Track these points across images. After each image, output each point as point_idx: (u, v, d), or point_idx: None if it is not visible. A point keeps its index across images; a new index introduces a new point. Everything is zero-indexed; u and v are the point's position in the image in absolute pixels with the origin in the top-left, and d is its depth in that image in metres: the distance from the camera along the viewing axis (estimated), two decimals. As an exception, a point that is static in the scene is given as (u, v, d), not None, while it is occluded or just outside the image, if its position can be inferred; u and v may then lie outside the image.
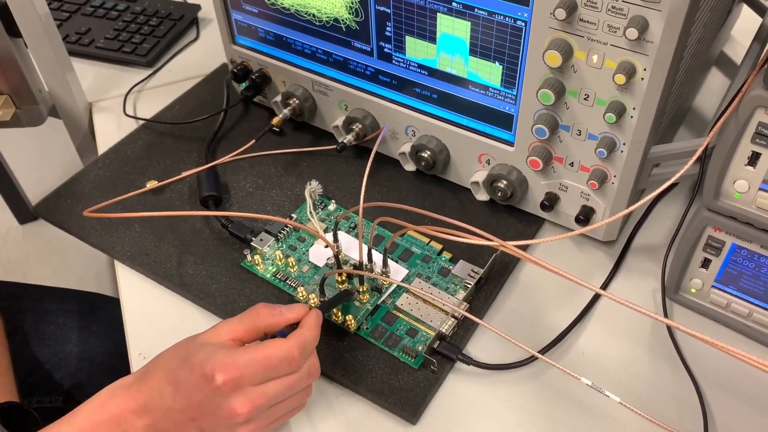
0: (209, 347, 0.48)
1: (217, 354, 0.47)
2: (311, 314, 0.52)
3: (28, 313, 0.79)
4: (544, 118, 0.59)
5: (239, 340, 0.50)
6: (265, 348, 0.48)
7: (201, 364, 0.47)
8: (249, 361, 0.47)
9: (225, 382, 0.46)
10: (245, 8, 0.74)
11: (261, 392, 0.47)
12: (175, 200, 0.72)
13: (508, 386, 0.57)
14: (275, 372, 0.48)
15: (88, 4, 1.02)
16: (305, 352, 0.50)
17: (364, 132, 0.72)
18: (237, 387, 0.46)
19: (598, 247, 0.67)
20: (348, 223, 0.69)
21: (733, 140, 0.50)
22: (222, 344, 0.49)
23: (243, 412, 0.47)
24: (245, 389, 0.47)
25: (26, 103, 0.81)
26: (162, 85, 0.89)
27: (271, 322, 0.51)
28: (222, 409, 0.47)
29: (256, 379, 0.47)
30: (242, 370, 0.46)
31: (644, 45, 0.51)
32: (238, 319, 0.51)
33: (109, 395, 0.49)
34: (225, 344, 0.49)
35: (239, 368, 0.46)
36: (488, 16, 0.58)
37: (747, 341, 0.59)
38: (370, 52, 0.68)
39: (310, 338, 0.50)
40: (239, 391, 0.47)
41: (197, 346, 0.48)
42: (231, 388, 0.46)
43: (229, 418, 0.47)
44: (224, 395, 0.46)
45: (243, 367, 0.47)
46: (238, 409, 0.46)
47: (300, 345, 0.49)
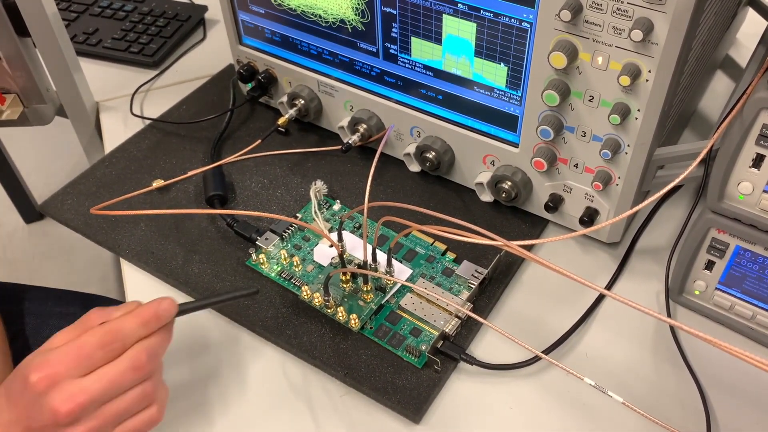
0: (35, 353, 0.47)
1: (35, 357, 0.46)
2: (147, 304, 0.49)
3: (29, 316, 0.78)
4: (549, 119, 0.59)
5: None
6: (78, 339, 0.46)
7: (22, 369, 0.46)
8: (61, 355, 0.45)
9: (39, 379, 0.44)
10: (252, 9, 0.74)
11: (80, 387, 0.45)
12: (181, 199, 0.72)
13: (512, 386, 0.57)
14: (90, 361, 0.46)
15: (96, 4, 1.03)
16: (120, 338, 0.47)
17: (369, 133, 0.73)
18: (52, 383, 0.45)
19: (601, 248, 0.67)
20: (352, 222, 0.69)
21: (738, 142, 0.50)
22: (50, 349, 0.47)
23: (64, 411, 0.44)
24: (62, 385, 0.45)
25: (34, 102, 0.81)
26: (169, 85, 0.90)
27: (100, 324, 0.49)
28: (45, 411, 0.45)
29: (72, 372, 0.45)
30: (54, 365, 0.45)
31: (649, 47, 0.51)
32: (71, 327, 0.49)
33: None
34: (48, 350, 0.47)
35: (51, 363, 0.45)
36: (494, 17, 0.58)
37: (750, 343, 0.59)
38: (375, 53, 0.68)
39: (128, 325, 0.47)
40: (56, 388, 0.45)
41: (28, 357, 0.47)
42: (46, 384, 0.44)
43: (53, 419, 0.44)
44: (43, 394, 0.44)
45: (56, 361, 0.45)
46: (58, 407, 0.44)
47: (113, 330, 0.47)
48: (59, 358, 0.45)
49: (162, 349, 0.49)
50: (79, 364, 0.45)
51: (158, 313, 0.49)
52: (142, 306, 0.49)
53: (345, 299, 0.62)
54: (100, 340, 0.46)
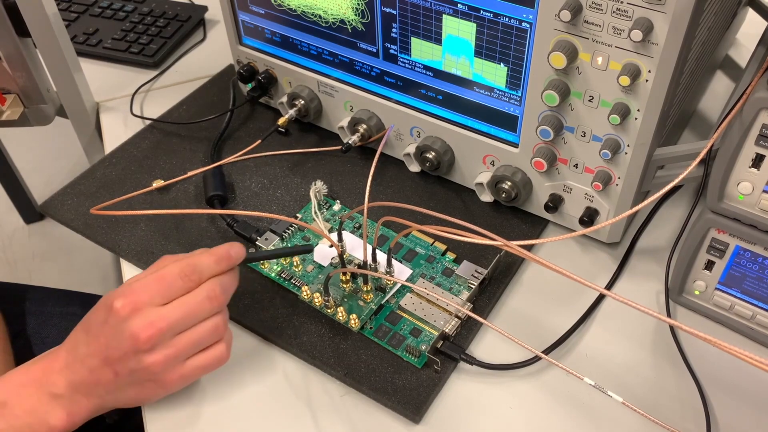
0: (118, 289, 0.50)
1: (117, 289, 0.50)
2: (219, 246, 0.53)
3: (30, 316, 0.79)
4: (549, 119, 0.59)
5: None
6: (159, 270, 0.50)
7: (104, 300, 0.49)
8: (144, 284, 0.49)
9: (123, 305, 0.47)
10: (252, 9, 0.75)
11: (160, 314, 0.48)
12: (181, 199, 0.73)
13: (511, 386, 0.57)
14: (170, 289, 0.49)
15: (96, 5, 1.03)
16: (198, 270, 0.50)
17: (369, 133, 0.73)
18: (135, 309, 0.48)
19: (601, 248, 0.67)
20: (352, 223, 0.69)
21: (737, 142, 0.50)
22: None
23: (144, 336, 0.47)
24: (143, 311, 0.48)
25: (34, 103, 0.81)
26: (169, 85, 0.90)
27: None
28: (125, 337, 0.47)
29: (153, 299, 0.48)
30: (138, 293, 0.48)
31: (649, 47, 0.51)
32: (143, 273, 0.52)
33: (34, 361, 0.51)
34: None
35: (135, 291, 0.48)
36: (493, 17, 0.58)
37: (750, 343, 0.59)
38: (375, 53, 0.68)
39: (205, 260, 0.51)
40: (138, 314, 0.48)
41: (110, 292, 0.50)
42: (129, 310, 0.47)
43: (133, 345, 0.47)
44: (124, 320, 0.47)
45: (139, 290, 0.48)
46: (138, 333, 0.47)
47: (192, 263, 0.50)
48: (142, 287, 0.49)
49: (232, 287, 0.53)
50: (161, 292, 0.49)
51: (230, 253, 0.53)
52: (215, 247, 0.53)
53: (345, 299, 0.62)
54: (180, 271, 0.50)
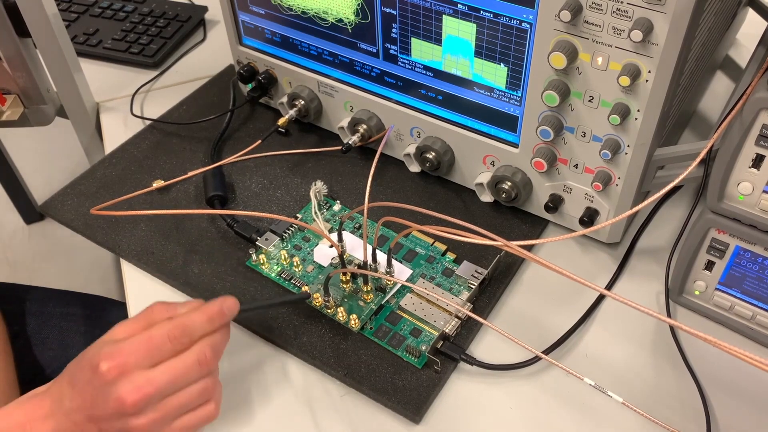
0: (101, 343, 0.48)
1: (104, 346, 0.47)
2: (212, 301, 0.51)
3: (31, 316, 0.79)
4: (549, 119, 0.59)
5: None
6: (147, 331, 0.48)
7: (90, 358, 0.47)
8: (131, 345, 0.47)
9: (110, 368, 0.46)
10: (252, 10, 0.75)
11: (147, 378, 0.46)
12: (181, 200, 0.73)
13: (511, 386, 0.57)
14: (159, 352, 0.47)
15: (96, 5, 1.03)
16: (188, 333, 0.48)
17: (369, 133, 0.73)
18: (122, 373, 0.46)
19: (601, 248, 0.67)
20: (353, 223, 0.69)
21: (738, 142, 0.50)
22: (114, 340, 0.48)
23: (131, 400, 0.45)
24: (131, 375, 0.46)
25: (34, 103, 0.81)
26: (169, 85, 0.90)
27: (165, 317, 0.50)
28: (110, 400, 0.46)
29: (141, 363, 0.46)
30: (125, 355, 0.46)
31: (649, 47, 0.51)
32: (133, 318, 0.51)
33: (18, 405, 0.49)
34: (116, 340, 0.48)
35: (122, 353, 0.46)
36: (493, 18, 0.58)
37: (750, 343, 0.59)
38: (375, 53, 0.68)
39: (196, 320, 0.49)
40: (125, 378, 0.46)
41: (92, 345, 0.49)
42: (116, 374, 0.46)
43: (119, 408, 0.46)
44: (110, 383, 0.46)
45: (126, 351, 0.46)
46: (125, 397, 0.45)
47: (183, 325, 0.48)
48: (130, 349, 0.47)
49: (223, 345, 0.51)
50: (149, 355, 0.47)
51: (223, 310, 0.51)
52: (207, 303, 0.51)
53: (345, 299, 0.62)
54: (169, 333, 0.48)
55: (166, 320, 0.49)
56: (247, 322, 0.61)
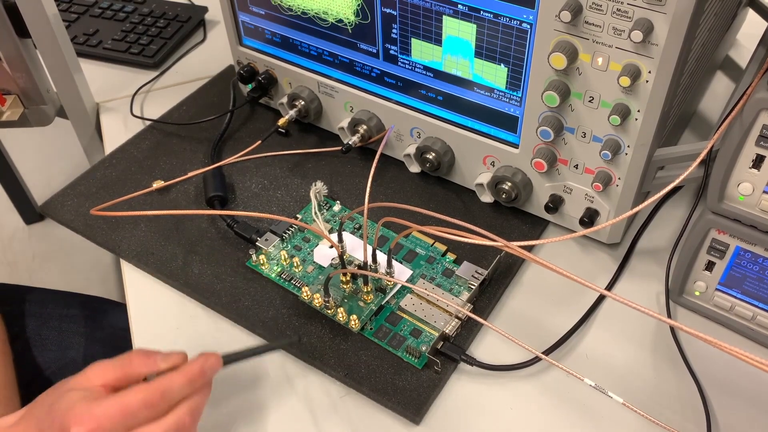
0: (74, 394, 0.46)
1: (77, 404, 0.45)
2: (193, 361, 0.49)
3: (30, 317, 0.78)
4: (549, 120, 0.59)
5: (110, 386, 0.47)
6: (123, 395, 0.46)
7: (61, 415, 0.45)
8: (106, 411, 0.45)
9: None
10: (252, 10, 0.75)
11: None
12: (181, 200, 0.73)
13: (512, 387, 0.57)
14: (134, 419, 0.45)
15: (96, 5, 1.03)
16: (167, 398, 0.46)
17: (369, 133, 0.73)
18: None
19: (602, 249, 0.67)
20: (353, 223, 0.69)
21: (738, 143, 0.50)
22: (87, 391, 0.46)
23: None
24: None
25: (34, 103, 0.81)
26: (169, 86, 0.90)
27: (144, 372, 0.48)
28: None
29: (116, 428, 0.44)
30: (99, 421, 0.44)
31: (649, 47, 0.51)
32: (111, 364, 0.48)
33: None
34: (92, 391, 0.46)
35: (95, 418, 0.44)
36: (493, 18, 0.58)
37: (750, 344, 0.59)
38: (375, 54, 0.68)
39: (176, 383, 0.47)
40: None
41: (64, 392, 0.47)
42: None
43: None
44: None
45: (100, 416, 0.44)
46: None
47: (161, 389, 0.46)
48: (105, 414, 0.45)
49: (203, 406, 0.49)
50: (124, 422, 0.45)
51: (204, 370, 0.48)
52: (188, 364, 0.49)
53: (345, 300, 0.62)
54: (145, 398, 0.45)
55: (143, 384, 0.47)
56: (248, 323, 0.61)
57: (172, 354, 0.49)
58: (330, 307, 0.61)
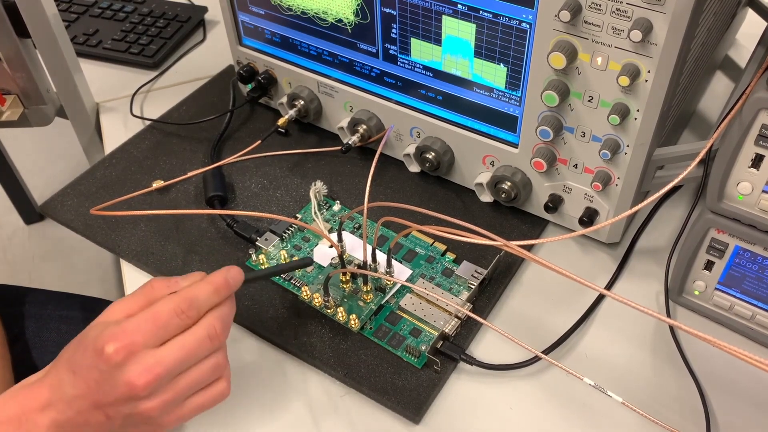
0: (101, 325, 0.46)
1: (107, 327, 0.45)
2: (216, 272, 0.49)
3: (30, 319, 0.78)
4: (549, 119, 0.59)
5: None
6: (152, 307, 0.45)
7: (93, 341, 0.44)
8: (137, 324, 0.44)
9: (116, 350, 0.43)
10: (252, 10, 0.75)
11: (157, 358, 0.44)
12: (181, 200, 0.73)
13: (511, 386, 0.57)
14: (166, 329, 0.45)
15: (96, 5, 1.03)
16: (195, 305, 0.46)
17: (369, 133, 0.73)
18: (130, 354, 0.43)
19: (601, 248, 0.67)
20: (352, 223, 0.69)
21: (737, 142, 0.50)
22: (114, 321, 0.46)
23: (141, 383, 0.43)
24: (139, 355, 0.43)
25: (34, 103, 0.81)
26: (169, 86, 0.90)
27: (167, 293, 0.48)
28: (119, 384, 0.43)
29: (149, 341, 0.44)
30: (131, 335, 0.44)
31: (648, 47, 0.51)
32: (131, 296, 0.48)
33: (10, 396, 0.47)
34: (117, 320, 0.46)
35: (128, 333, 0.44)
36: (493, 18, 0.58)
37: (750, 343, 0.59)
38: (375, 53, 0.68)
39: (202, 291, 0.47)
40: (133, 359, 0.43)
41: (90, 328, 0.46)
42: (124, 356, 0.43)
43: (129, 392, 0.43)
44: (118, 366, 0.43)
45: (132, 331, 0.44)
46: (135, 380, 0.43)
47: (188, 298, 0.46)
48: (136, 328, 0.44)
49: (231, 318, 0.49)
50: (156, 333, 0.44)
51: (228, 281, 0.48)
52: (212, 274, 0.49)
53: (345, 300, 0.62)
54: (175, 307, 0.45)
55: (170, 295, 0.46)
56: (248, 322, 0.61)
57: (191, 274, 0.50)
58: (330, 306, 0.61)
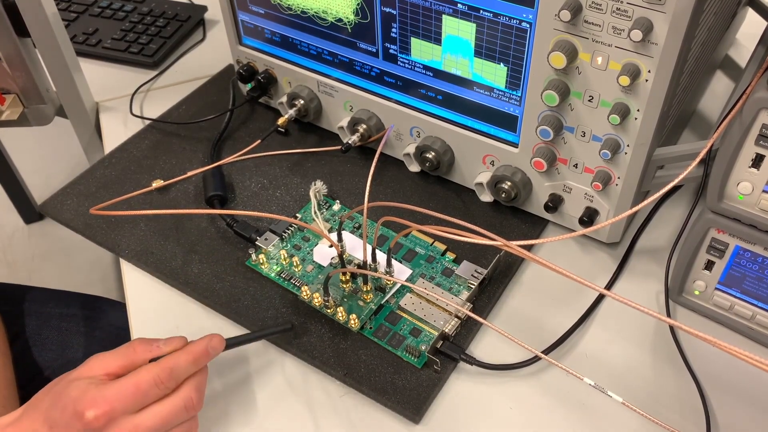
0: (81, 383, 0.47)
1: (87, 390, 0.46)
2: (197, 342, 0.51)
3: (30, 317, 0.78)
4: (549, 119, 0.59)
5: (113, 375, 0.49)
6: (133, 375, 0.47)
7: (73, 402, 0.46)
8: (118, 392, 0.46)
9: (96, 416, 0.45)
10: (252, 9, 0.74)
11: (134, 424, 0.46)
12: (181, 199, 0.72)
13: (511, 386, 0.57)
14: (145, 397, 0.47)
15: (95, 4, 1.03)
16: (175, 375, 0.48)
17: (368, 133, 0.73)
18: (109, 420, 0.46)
19: (601, 248, 0.67)
20: (352, 223, 0.69)
21: (737, 142, 0.50)
22: (94, 379, 0.48)
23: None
24: (117, 421, 0.46)
25: (34, 103, 0.81)
26: (168, 85, 0.90)
27: (147, 357, 0.50)
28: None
29: (128, 409, 0.46)
30: (112, 402, 0.46)
31: (648, 47, 0.51)
32: (112, 354, 0.50)
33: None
34: (98, 379, 0.48)
35: (108, 401, 0.46)
36: (493, 17, 0.58)
37: (750, 343, 0.59)
38: (375, 53, 0.68)
39: (182, 362, 0.49)
40: (112, 424, 0.46)
41: (69, 383, 0.48)
42: (103, 422, 0.45)
43: None
44: (97, 430, 0.46)
45: (112, 398, 0.46)
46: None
47: (169, 368, 0.48)
48: (116, 395, 0.46)
49: (205, 384, 0.52)
50: (135, 401, 0.47)
51: (208, 351, 0.51)
52: (192, 343, 0.51)
53: (345, 299, 0.62)
54: (155, 377, 0.47)
55: (151, 364, 0.48)
56: (247, 322, 0.61)
57: (172, 338, 0.51)
58: (329, 306, 0.61)
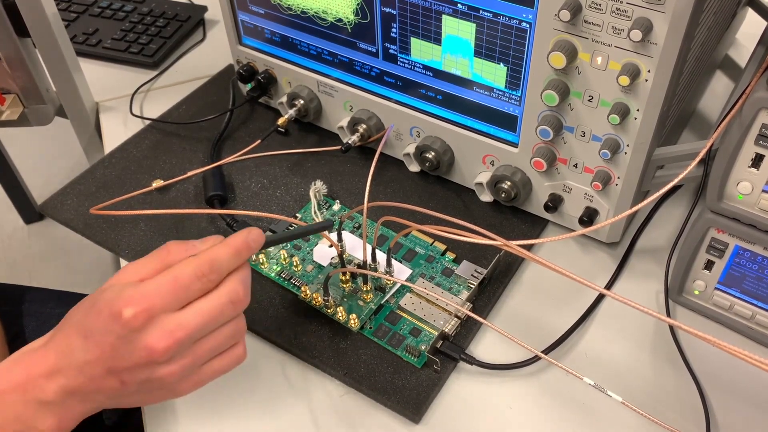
0: (116, 287, 0.43)
1: (123, 291, 0.42)
2: (236, 234, 0.47)
3: (30, 317, 0.78)
4: (549, 119, 0.59)
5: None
6: (172, 270, 0.43)
7: (108, 304, 0.42)
8: (157, 287, 0.42)
9: (135, 314, 0.41)
10: (251, 9, 0.75)
11: (177, 322, 0.42)
12: (181, 199, 0.73)
13: (511, 386, 0.57)
14: (187, 293, 0.43)
15: (95, 5, 1.03)
16: (217, 268, 0.44)
17: (368, 133, 0.73)
18: (149, 318, 0.41)
19: (601, 248, 0.67)
20: (352, 223, 0.69)
21: (737, 142, 0.50)
22: (129, 283, 0.43)
23: (161, 348, 0.41)
24: (159, 320, 0.42)
25: (34, 103, 0.81)
26: (168, 85, 0.90)
27: (183, 257, 0.45)
28: (137, 349, 0.41)
29: (169, 306, 0.42)
30: (151, 299, 0.41)
31: (648, 47, 0.51)
32: (145, 259, 0.45)
33: (14, 362, 0.44)
34: (132, 283, 0.43)
35: (147, 297, 0.41)
36: (493, 17, 0.58)
37: (750, 343, 0.59)
38: (375, 53, 0.68)
39: (223, 254, 0.44)
40: (152, 323, 0.41)
41: (102, 291, 0.44)
42: (143, 320, 0.41)
43: (147, 357, 0.41)
44: (137, 330, 0.41)
45: (151, 294, 0.42)
46: (154, 345, 0.41)
47: (209, 260, 0.44)
48: (155, 291, 0.42)
49: (250, 280, 0.47)
50: (177, 296, 0.42)
51: (249, 242, 0.47)
52: (231, 236, 0.47)
53: (344, 299, 0.62)
54: (196, 270, 0.43)
55: (190, 258, 0.44)
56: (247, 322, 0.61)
57: (208, 237, 0.48)
58: (329, 306, 0.61)
